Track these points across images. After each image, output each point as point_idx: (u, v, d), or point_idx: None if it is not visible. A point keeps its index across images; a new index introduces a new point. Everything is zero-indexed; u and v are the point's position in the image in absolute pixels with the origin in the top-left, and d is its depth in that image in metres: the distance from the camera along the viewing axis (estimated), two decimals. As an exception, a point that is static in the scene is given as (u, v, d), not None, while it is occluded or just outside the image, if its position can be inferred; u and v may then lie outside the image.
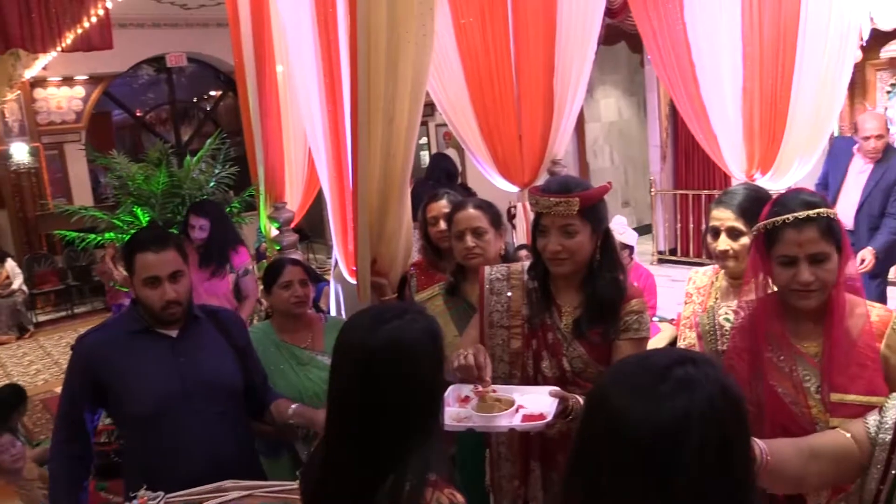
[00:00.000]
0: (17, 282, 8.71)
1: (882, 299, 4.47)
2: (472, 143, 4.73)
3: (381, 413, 1.29)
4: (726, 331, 1.83)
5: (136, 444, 2.20)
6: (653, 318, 3.93)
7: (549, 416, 1.78)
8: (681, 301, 2.66)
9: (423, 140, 10.64)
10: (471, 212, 2.58)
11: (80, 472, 2.22)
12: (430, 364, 1.34)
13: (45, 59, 7.31)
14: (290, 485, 2.01)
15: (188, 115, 11.83)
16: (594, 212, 2.00)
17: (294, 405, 2.36)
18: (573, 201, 1.94)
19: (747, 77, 3.82)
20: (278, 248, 4.64)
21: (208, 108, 11.76)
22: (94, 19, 5.91)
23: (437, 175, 5.38)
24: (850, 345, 1.67)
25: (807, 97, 3.67)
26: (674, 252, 8.47)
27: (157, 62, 10.40)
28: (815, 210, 1.65)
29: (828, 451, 1.51)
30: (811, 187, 4.13)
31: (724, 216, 2.17)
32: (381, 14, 2.64)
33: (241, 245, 4.45)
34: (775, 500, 1.69)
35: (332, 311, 3.96)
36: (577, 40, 4.49)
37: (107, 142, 9.44)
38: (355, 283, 3.14)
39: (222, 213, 4.43)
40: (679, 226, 8.37)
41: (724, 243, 2.16)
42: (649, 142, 8.81)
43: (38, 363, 7.65)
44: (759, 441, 1.43)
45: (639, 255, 4.29)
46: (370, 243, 2.96)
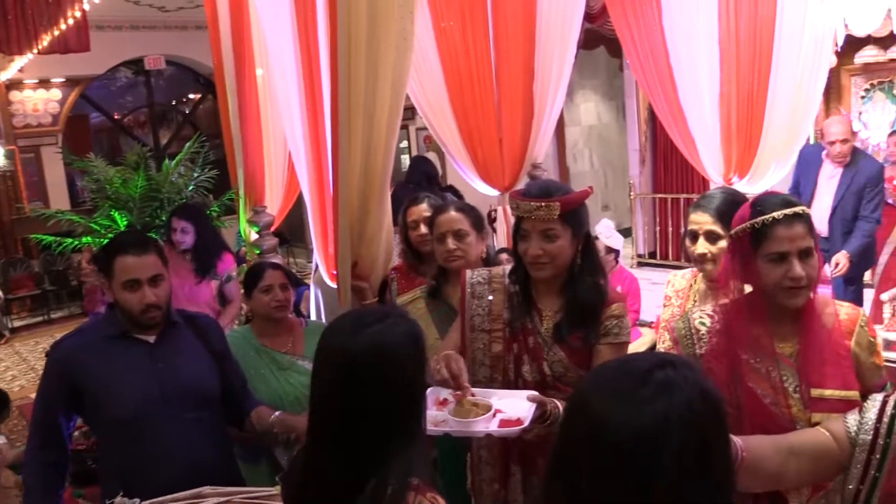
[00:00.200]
0: (-8, 287, 8.58)
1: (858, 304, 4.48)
2: (453, 146, 4.74)
3: (362, 417, 1.29)
4: (703, 335, 1.84)
5: (114, 449, 2.17)
6: (635, 323, 3.95)
7: (527, 422, 1.78)
8: (660, 304, 2.68)
9: (404, 144, 10.63)
10: (452, 214, 2.59)
11: (55, 480, 2.19)
12: (413, 367, 1.34)
13: (20, 62, 7.24)
14: (270, 490, 1.99)
15: (167, 118, 11.74)
16: (575, 216, 2.00)
17: (276, 413, 2.34)
18: (554, 206, 1.95)
19: (724, 82, 3.86)
20: (258, 252, 4.61)
21: (187, 111, 11.67)
22: (70, 21, 5.85)
23: (417, 178, 5.38)
24: (826, 342, 1.72)
25: (782, 102, 3.71)
26: (653, 255, 8.52)
27: (136, 65, 10.32)
28: (799, 207, 1.70)
29: (807, 448, 1.52)
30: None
31: (702, 220, 2.19)
32: (361, 17, 2.64)
33: (226, 251, 4.40)
34: (759, 499, 1.71)
35: (313, 315, 3.94)
36: (556, 44, 4.51)
37: (84, 145, 9.32)
38: (336, 286, 3.14)
39: (206, 218, 4.36)
40: (658, 229, 8.42)
41: (702, 247, 2.18)
42: (628, 146, 8.87)
43: (14, 369, 7.54)
44: (735, 438, 1.44)
45: (620, 258, 4.30)
46: (351, 245, 2.95)
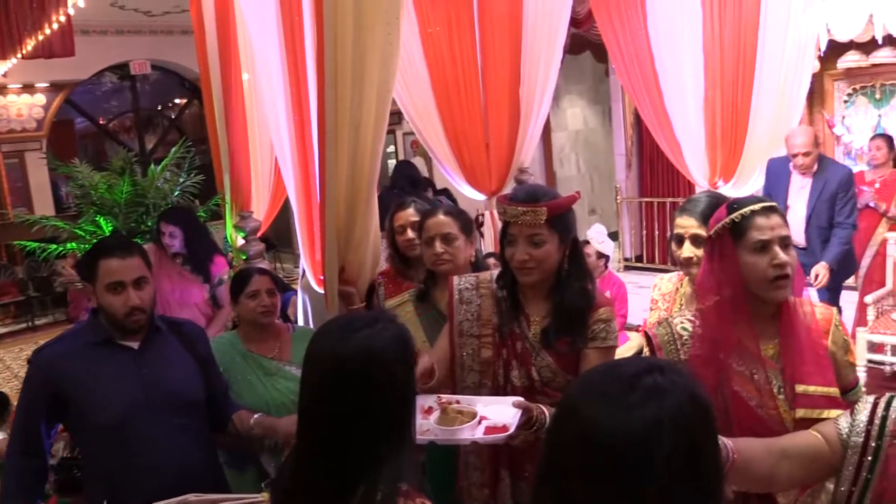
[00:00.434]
0: (-24, 293, 8.51)
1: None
2: (440, 151, 4.75)
3: (352, 422, 1.28)
4: (686, 340, 1.84)
5: (98, 457, 2.14)
6: (623, 327, 3.96)
7: (512, 428, 1.78)
8: (647, 307, 2.69)
9: (391, 148, 10.62)
10: (441, 218, 2.57)
11: (35, 487, 2.16)
12: (402, 371, 1.34)
13: (4, 66, 7.17)
14: (256, 497, 1.98)
15: (152, 123, 11.68)
16: (562, 221, 2.00)
17: (256, 415, 2.33)
18: (541, 211, 1.95)
19: (709, 87, 3.89)
20: (245, 257, 4.59)
21: (173, 116, 11.62)
22: (55, 26, 5.81)
23: (402, 183, 5.40)
24: (806, 340, 1.75)
25: (766, 107, 3.75)
26: (640, 259, 8.55)
27: (121, 69, 10.27)
28: (773, 203, 1.77)
29: (799, 451, 1.53)
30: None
31: (687, 224, 2.20)
32: (348, 22, 2.64)
33: (218, 255, 4.32)
34: (748, 499, 1.71)
35: (300, 320, 3.93)
36: (542, 49, 4.54)
37: (69, 150, 9.25)
38: (322, 292, 3.13)
39: (196, 222, 4.28)
40: (644, 233, 8.46)
41: (687, 250, 2.19)
42: (615, 150, 8.90)
43: (-3, 376, 7.46)
44: (726, 440, 1.44)
45: (609, 263, 4.32)
46: (338, 250, 2.95)
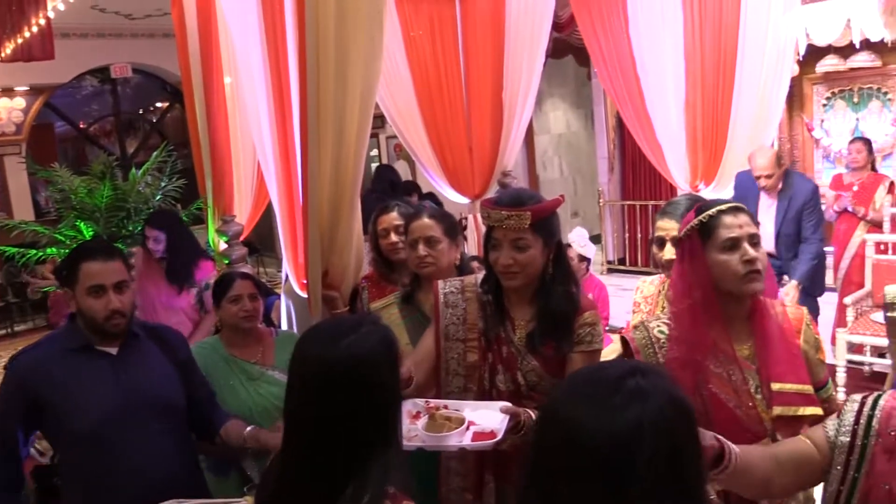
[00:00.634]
0: (-46, 299, 8.40)
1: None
2: (423, 154, 4.76)
3: (340, 424, 1.28)
4: (663, 343, 1.85)
5: (77, 464, 2.12)
6: (605, 330, 3.98)
7: (500, 434, 1.78)
8: (629, 310, 2.71)
9: (374, 152, 10.61)
10: (425, 221, 2.56)
11: (10, 497, 2.13)
12: (389, 373, 1.35)
13: (-18, 70, 7.11)
14: (238, 501, 1.98)
15: (133, 126, 11.57)
16: (546, 225, 2.00)
17: (249, 428, 2.31)
18: (525, 215, 1.94)
19: (690, 91, 3.92)
20: (227, 261, 4.56)
21: (154, 120, 11.52)
22: (34, 29, 5.74)
23: (382, 187, 5.42)
24: (779, 339, 1.77)
25: (746, 110, 3.78)
26: (622, 261, 8.60)
27: (102, 73, 10.17)
28: (740, 204, 1.80)
29: (790, 457, 1.54)
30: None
31: (668, 226, 2.22)
32: (330, 24, 2.63)
33: (204, 259, 4.24)
34: (729, 499, 1.73)
35: (284, 325, 3.91)
36: (525, 53, 4.56)
37: (49, 154, 9.15)
38: (306, 296, 3.12)
39: (180, 226, 4.22)
40: (627, 235, 8.51)
41: (669, 253, 2.21)
42: (597, 153, 8.95)
43: (-25, 383, 7.35)
44: (729, 443, 1.46)
45: (590, 266, 4.33)
46: (321, 255, 2.94)
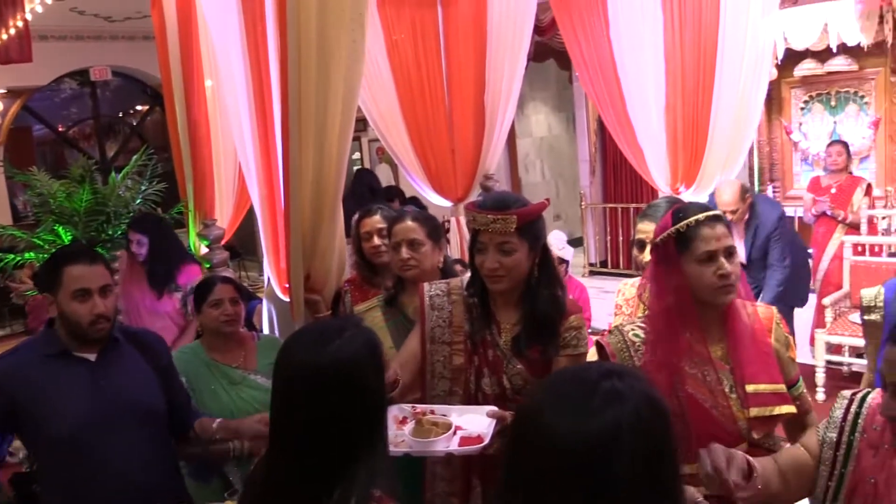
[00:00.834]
0: (-71, 305, 8.25)
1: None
2: (405, 158, 4.76)
3: (326, 428, 1.28)
4: (639, 346, 1.85)
5: (56, 470, 2.09)
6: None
7: (487, 438, 1.77)
8: (611, 312, 2.72)
9: (356, 156, 10.59)
10: (408, 224, 2.55)
11: None
12: (375, 376, 1.35)
13: (-42, 72, 7.01)
14: (219, 507, 1.97)
15: (113, 130, 11.46)
16: (531, 229, 2.00)
17: (217, 420, 2.30)
18: (510, 218, 1.94)
19: (670, 94, 3.95)
20: (208, 265, 4.53)
21: (134, 123, 11.43)
22: (12, 31, 5.68)
23: (361, 190, 5.41)
24: (751, 340, 1.79)
25: (726, 113, 3.81)
26: (604, 264, 8.63)
27: (81, 76, 10.07)
28: (719, 212, 1.80)
29: (790, 467, 1.56)
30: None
31: (649, 229, 2.24)
32: (311, 28, 2.63)
33: (190, 262, 4.18)
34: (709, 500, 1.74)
35: (266, 329, 3.89)
36: (506, 57, 4.57)
37: (27, 158, 9.03)
38: (288, 300, 3.11)
39: (163, 230, 4.17)
40: (609, 238, 8.54)
41: (649, 255, 2.22)
42: (579, 156, 8.98)
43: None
44: (752, 458, 1.47)
45: (571, 267, 4.35)
46: (303, 258, 2.93)
